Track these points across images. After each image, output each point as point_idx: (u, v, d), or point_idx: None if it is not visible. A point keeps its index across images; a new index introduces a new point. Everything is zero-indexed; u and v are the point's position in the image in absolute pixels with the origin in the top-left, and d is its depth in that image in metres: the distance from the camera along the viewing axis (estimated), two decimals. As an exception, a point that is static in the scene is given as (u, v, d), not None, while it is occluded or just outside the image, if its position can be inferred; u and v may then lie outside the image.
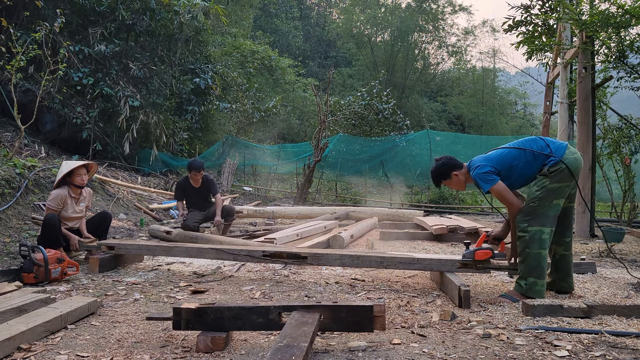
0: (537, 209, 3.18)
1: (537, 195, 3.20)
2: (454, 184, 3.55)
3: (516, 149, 3.31)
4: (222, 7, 13.84)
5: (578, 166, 3.24)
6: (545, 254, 3.18)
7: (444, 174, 3.53)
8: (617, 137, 8.64)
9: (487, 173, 3.26)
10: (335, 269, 4.36)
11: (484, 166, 3.29)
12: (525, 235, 3.19)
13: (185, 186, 6.39)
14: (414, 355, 2.27)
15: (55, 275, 3.73)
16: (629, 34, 6.75)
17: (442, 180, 3.57)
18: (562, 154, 3.22)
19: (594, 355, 2.27)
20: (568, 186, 3.23)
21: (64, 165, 4.66)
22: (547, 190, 3.18)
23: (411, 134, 16.17)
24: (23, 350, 2.32)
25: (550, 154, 3.23)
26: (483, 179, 3.26)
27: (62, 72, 7.88)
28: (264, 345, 2.44)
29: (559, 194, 3.19)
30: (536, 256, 3.16)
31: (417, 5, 32.30)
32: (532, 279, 3.17)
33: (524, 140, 3.38)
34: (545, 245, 3.17)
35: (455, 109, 33.62)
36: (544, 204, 3.17)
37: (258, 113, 17.55)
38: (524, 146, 3.30)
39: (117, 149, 11.91)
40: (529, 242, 3.17)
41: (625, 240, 6.59)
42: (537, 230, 3.16)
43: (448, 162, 3.53)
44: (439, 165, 3.55)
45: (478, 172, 3.30)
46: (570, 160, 3.20)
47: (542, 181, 3.22)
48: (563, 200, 3.24)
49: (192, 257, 4.54)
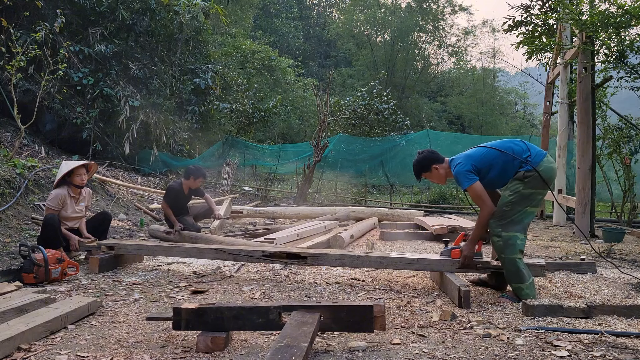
0: (511, 215, 3.22)
1: (510, 200, 3.24)
2: (434, 177, 3.60)
3: (496, 150, 3.35)
4: (222, 7, 13.83)
5: (552, 176, 3.30)
6: (520, 257, 3.22)
7: (424, 167, 3.58)
8: (617, 137, 8.64)
9: (468, 172, 3.31)
10: (335, 269, 4.36)
11: (465, 164, 3.34)
12: (499, 240, 3.23)
13: (179, 192, 6.34)
14: (414, 355, 2.27)
15: (55, 275, 3.73)
16: (629, 34, 6.75)
17: (423, 172, 3.62)
18: (538, 161, 3.26)
19: (594, 355, 2.28)
20: (541, 194, 3.28)
21: (64, 165, 4.66)
22: (521, 195, 3.22)
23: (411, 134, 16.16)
24: (23, 350, 2.32)
25: (528, 158, 3.28)
26: (463, 177, 3.30)
27: (62, 72, 7.88)
28: (264, 345, 2.44)
29: (532, 200, 3.24)
30: (512, 261, 3.21)
31: (417, 6, 32.27)
32: (516, 285, 3.22)
33: (506, 141, 3.43)
34: (519, 250, 3.21)
35: (455, 109, 33.61)
36: (517, 209, 3.22)
37: (258, 113, 17.54)
38: (505, 148, 3.35)
39: (117, 149, 11.91)
40: (504, 247, 3.22)
41: (625, 240, 6.59)
42: (511, 235, 3.21)
43: (429, 155, 3.60)
44: (420, 157, 3.61)
45: (459, 169, 3.35)
46: (545, 168, 3.24)
47: (516, 186, 3.25)
48: (536, 208, 3.30)
49: (192, 257, 4.54)
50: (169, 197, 6.32)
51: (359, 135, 17.02)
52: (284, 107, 20.91)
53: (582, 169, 7.21)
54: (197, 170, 6.46)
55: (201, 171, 6.48)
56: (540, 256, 5.21)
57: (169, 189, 6.46)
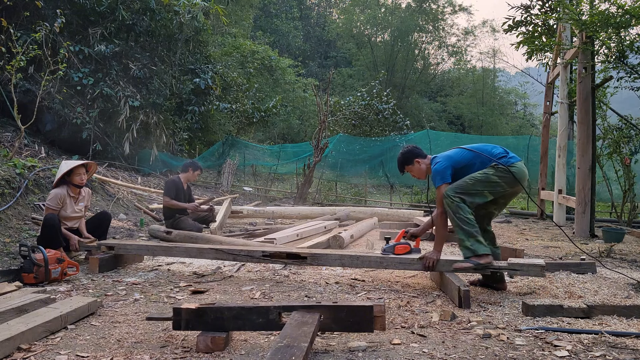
0: (469, 188, 3.40)
1: (476, 177, 3.43)
2: (415, 171, 3.75)
3: (473, 152, 3.54)
4: (222, 7, 13.83)
5: (522, 177, 3.47)
6: (472, 215, 3.38)
7: (407, 160, 3.74)
8: (617, 137, 8.63)
9: (445, 171, 3.50)
10: (335, 269, 4.36)
11: (444, 163, 3.53)
12: (452, 202, 3.39)
13: (178, 185, 6.44)
14: (414, 356, 2.27)
15: (55, 275, 3.73)
16: (629, 34, 6.74)
17: (405, 165, 3.76)
18: (513, 162, 3.46)
19: (594, 355, 2.28)
20: (504, 189, 3.45)
21: (63, 165, 4.66)
22: (487, 178, 3.41)
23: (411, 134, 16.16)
24: (23, 351, 2.32)
25: (502, 159, 3.46)
26: (440, 175, 3.49)
27: (62, 72, 7.87)
28: (264, 345, 2.44)
29: (494, 187, 3.42)
30: (466, 220, 3.35)
31: (417, 6, 32.27)
32: (472, 240, 3.35)
33: (485, 145, 3.64)
34: (470, 210, 3.38)
35: (455, 109, 33.61)
36: (477, 187, 3.40)
37: (258, 113, 17.54)
38: (481, 150, 3.54)
39: (117, 149, 11.91)
40: (456, 209, 3.37)
41: (625, 240, 6.58)
42: (461, 200, 3.37)
43: (414, 149, 3.76)
44: (404, 151, 3.78)
45: (438, 167, 3.53)
46: (517, 169, 3.43)
47: (488, 170, 3.44)
48: (492, 197, 3.46)
49: (192, 257, 4.54)
50: (170, 191, 6.37)
51: (359, 135, 17.02)
52: (284, 107, 20.90)
53: (582, 169, 7.20)
54: (194, 162, 6.73)
55: (197, 164, 6.75)
56: (540, 256, 5.21)
57: (168, 183, 6.51)
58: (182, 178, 6.51)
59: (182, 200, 6.44)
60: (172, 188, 6.38)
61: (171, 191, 6.37)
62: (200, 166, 6.81)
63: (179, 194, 6.41)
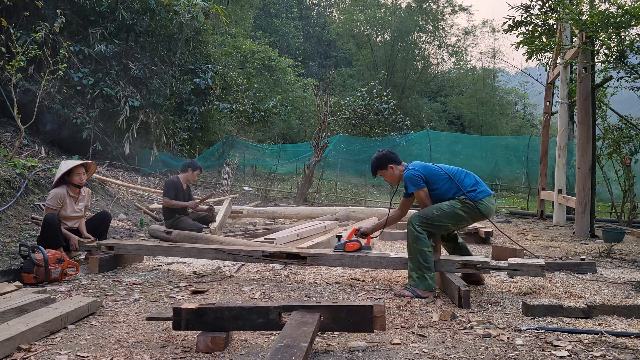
0: (434, 219, 3.46)
1: (443, 209, 3.48)
2: (388, 176, 3.78)
3: (447, 175, 3.58)
4: (222, 7, 13.82)
5: (489, 213, 3.56)
6: (430, 249, 3.44)
7: (381, 164, 3.76)
8: (617, 137, 8.64)
9: (417, 177, 3.55)
10: (335, 269, 4.36)
11: (416, 171, 3.58)
12: (414, 232, 3.44)
13: (177, 185, 6.45)
14: (414, 356, 2.27)
15: (55, 275, 3.73)
16: (629, 34, 6.74)
17: (379, 170, 3.79)
18: (481, 197, 3.51)
19: (594, 355, 2.28)
20: (468, 221, 3.59)
21: (63, 165, 4.66)
22: (454, 212, 3.47)
23: (411, 134, 16.18)
24: (23, 351, 2.32)
25: (471, 192, 3.51)
26: (412, 182, 3.56)
27: (62, 72, 7.87)
28: (264, 345, 2.44)
29: (458, 220, 3.51)
30: (421, 251, 3.41)
31: (417, 6, 32.27)
32: (421, 273, 3.39)
33: (460, 171, 3.67)
34: (429, 243, 3.45)
35: (455, 109, 33.61)
36: (442, 219, 3.47)
37: (258, 113, 17.54)
38: (455, 175, 3.61)
39: (117, 149, 11.91)
40: (416, 239, 3.43)
41: (625, 240, 6.58)
42: (423, 231, 3.43)
43: (388, 154, 3.79)
44: (379, 155, 3.79)
45: (410, 173, 3.59)
46: (484, 206, 3.51)
47: (455, 204, 3.49)
48: (454, 228, 3.61)
49: (192, 257, 4.54)
50: (170, 191, 6.38)
51: (359, 135, 17.02)
52: (284, 107, 20.91)
53: (582, 169, 7.21)
54: (192, 163, 6.74)
55: (197, 163, 6.76)
56: (540, 256, 5.21)
57: (167, 183, 6.52)
58: (181, 178, 6.53)
59: (181, 200, 6.45)
60: (171, 188, 6.39)
61: (170, 192, 6.38)
62: (200, 166, 6.81)
63: (178, 194, 6.42)
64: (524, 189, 15.09)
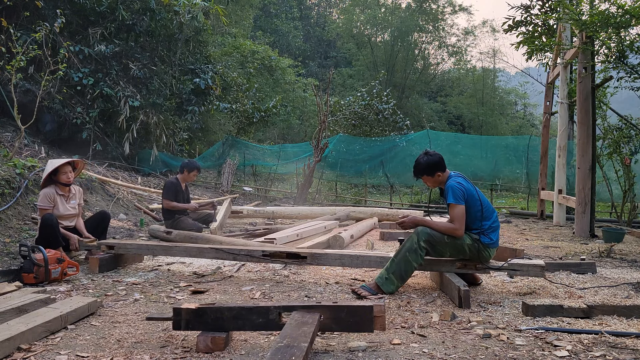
0: (440, 242, 3.43)
1: (457, 241, 3.44)
2: (431, 181, 3.69)
3: (479, 207, 3.51)
4: (222, 7, 13.84)
5: (485, 260, 3.54)
6: (416, 267, 3.45)
7: (431, 170, 3.62)
8: (617, 137, 8.64)
9: (460, 193, 3.45)
10: (335, 269, 4.36)
11: (461, 187, 3.48)
12: (415, 244, 3.42)
13: (177, 187, 6.44)
14: (414, 356, 2.27)
15: (55, 275, 3.73)
16: (629, 34, 6.75)
17: (426, 174, 3.66)
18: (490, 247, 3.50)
19: (594, 355, 2.28)
20: (465, 257, 3.51)
21: (49, 164, 4.65)
22: (462, 245, 3.44)
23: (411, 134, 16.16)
24: (23, 351, 2.32)
25: (484, 228, 3.49)
26: (455, 194, 3.45)
27: (62, 72, 7.87)
28: (264, 345, 2.44)
29: (459, 252, 3.48)
30: (407, 261, 3.41)
31: (417, 6, 32.27)
32: (392, 277, 3.41)
33: (488, 203, 3.62)
34: (420, 261, 3.44)
35: (455, 109, 33.61)
36: (446, 248, 3.46)
37: (258, 113, 17.54)
38: (485, 207, 3.53)
39: (117, 149, 11.92)
40: (411, 249, 3.42)
41: (625, 240, 6.58)
42: (423, 248, 3.42)
43: (441, 161, 3.65)
44: (431, 160, 3.63)
45: (456, 186, 3.48)
46: (488, 253, 3.50)
47: (466, 237, 3.46)
48: (449, 257, 3.54)
49: (192, 257, 4.54)
50: (170, 192, 6.37)
51: (359, 135, 17.02)
52: (284, 107, 20.91)
53: (582, 169, 7.20)
54: (191, 162, 6.68)
55: (195, 163, 6.69)
56: (541, 256, 5.21)
57: (167, 185, 6.51)
58: (179, 179, 6.53)
59: (181, 201, 6.44)
60: (171, 190, 6.38)
61: (171, 193, 6.37)
62: (197, 166, 6.72)
63: (178, 195, 6.42)
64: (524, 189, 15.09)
